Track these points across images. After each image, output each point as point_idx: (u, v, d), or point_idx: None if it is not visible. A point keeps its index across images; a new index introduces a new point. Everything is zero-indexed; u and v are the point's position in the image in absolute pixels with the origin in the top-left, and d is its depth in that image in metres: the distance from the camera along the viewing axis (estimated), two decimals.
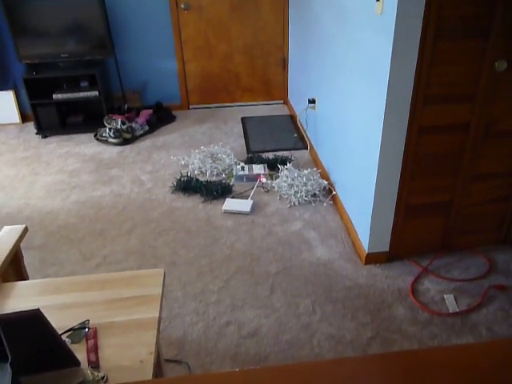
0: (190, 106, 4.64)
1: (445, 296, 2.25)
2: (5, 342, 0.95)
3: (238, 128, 4.20)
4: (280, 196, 3.11)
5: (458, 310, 2.17)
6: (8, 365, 0.97)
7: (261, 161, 3.50)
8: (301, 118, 3.99)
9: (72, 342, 1.19)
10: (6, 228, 1.61)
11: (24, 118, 4.40)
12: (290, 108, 4.51)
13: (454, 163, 2.25)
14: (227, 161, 3.48)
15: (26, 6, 3.70)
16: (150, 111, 4.22)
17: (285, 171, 3.22)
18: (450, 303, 2.21)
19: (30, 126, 4.30)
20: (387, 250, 2.46)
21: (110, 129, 3.92)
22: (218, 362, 1.95)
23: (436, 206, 2.38)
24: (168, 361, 1.95)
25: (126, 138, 3.95)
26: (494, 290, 2.28)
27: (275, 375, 0.66)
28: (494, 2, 1.86)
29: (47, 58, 3.94)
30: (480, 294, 2.26)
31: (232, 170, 3.41)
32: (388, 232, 2.40)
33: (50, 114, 4.09)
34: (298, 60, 3.99)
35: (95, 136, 4.05)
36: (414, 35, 1.88)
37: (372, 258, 2.46)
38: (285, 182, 3.14)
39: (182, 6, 4.13)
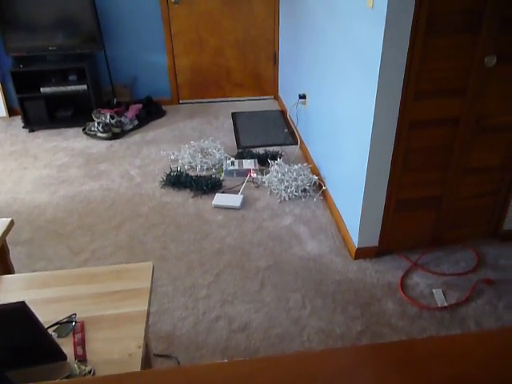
0: (180, 101, 4.61)
1: (434, 290, 2.27)
2: None
3: (229, 123, 4.18)
4: (270, 191, 3.10)
5: (446, 304, 2.19)
6: None
7: (251, 156, 3.49)
8: (291, 114, 3.98)
9: (58, 336, 1.17)
10: None
11: (11, 112, 4.33)
12: (281, 103, 4.50)
13: (444, 157, 2.26)
14: (217, 156, 3.46)
15: None
16: (140, 106, 4.18)
17: (275, 166, 3.21)
18: (439, 297, 2.22)
19: (18, 120, 4.23)
20: (377, 244, 2.46)
21: (98, 123, 3.87)
22: (208, 357, 1.94)
23: (426, 201, 2.38)
24: (157, 355, 1.93)
25: (115, 133, 3.91)
26: (482, 284, 2.30)
27: (265, 366, 0.65)
28: None
29: (35, 51, 3.88)
30: (469, 288, 2.28)
31: (222, 164, 3.39)
32: (378, 227, 2.41)
33: (38, 108, 4.03)
34: (289, 55, 3.98)
35: (84, 130, 4.00)
36: (404, 30, 1.88)
37: (362, 253, 2.46)
38: (275, 177, 3.14)
39: None
